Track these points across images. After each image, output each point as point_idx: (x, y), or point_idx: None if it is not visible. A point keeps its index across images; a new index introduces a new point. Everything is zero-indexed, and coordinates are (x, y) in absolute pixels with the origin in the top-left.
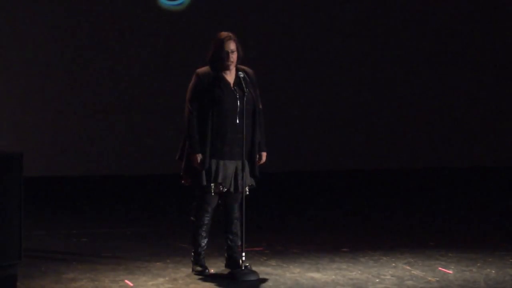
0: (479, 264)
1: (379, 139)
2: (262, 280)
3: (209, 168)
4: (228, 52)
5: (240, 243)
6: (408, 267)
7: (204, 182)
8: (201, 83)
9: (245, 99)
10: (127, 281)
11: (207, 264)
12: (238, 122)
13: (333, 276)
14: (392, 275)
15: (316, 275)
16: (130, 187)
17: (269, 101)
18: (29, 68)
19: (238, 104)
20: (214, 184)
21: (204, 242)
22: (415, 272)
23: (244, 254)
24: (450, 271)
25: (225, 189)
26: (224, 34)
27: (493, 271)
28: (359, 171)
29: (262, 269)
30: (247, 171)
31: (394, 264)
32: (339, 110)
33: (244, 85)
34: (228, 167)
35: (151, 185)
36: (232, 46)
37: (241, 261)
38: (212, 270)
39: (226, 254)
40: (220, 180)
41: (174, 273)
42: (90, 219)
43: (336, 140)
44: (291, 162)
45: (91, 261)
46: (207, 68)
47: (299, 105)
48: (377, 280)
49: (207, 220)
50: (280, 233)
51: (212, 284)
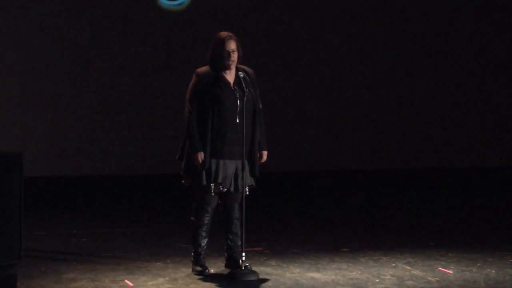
0: (479, 264)
1: (379, 139)
2: (262, 280)
3: (209, 168)
4: (229, 52)
5: (240, 243)
6: (408, 267)
7: (204, 182)
8: (201, 83)
9: (245, 99)
10: (127, 281)
11: (207, 264)
12: (238, 121)
13: (333, 276)
14: (392, 275)
15: (316, 275)
16: (130, 187)
17: (269, 101)
18: (29, 68)
19: (238, 103)
20: (214, 184)
21: (204, 242)
22: (415, 272)
23: (244, 254)
24: (450, 271)
25: (225, 189)
26: (224, 34)
27: (493, 271)
28: (359, 171)
29: (262, 269)
30: (247, 171)
31: (394, 264)
32: (339, 110)
33: (244, 85)
34: (228, 167)
35: (151, 185)
36: (233, 45)
37: (241, 261)
38: (212, 270)
39: (226, 254)
40: (220, 180)
41: (174, 273)
42: (90, 219)
43: (336, 140)
44: (291, 162)
45: (91, 261)
46: (207, 68)
47: (299, 105)
48: (377, 280)
49: (207, 220)
50: (280, 233)
51: (212, 284)
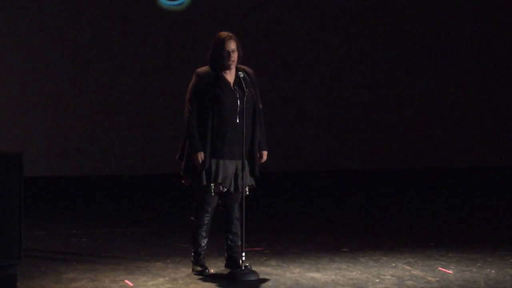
0: (479, 264)
1: (379, 139)
2: (262, 280)
3: (209, 168)
4: (229, 52)
5: (240, 243)
6: (408, 267)
7: (204, 182)
8: (201, 83)
9: (245, 99)
10: (127, 281)
11: (207, 264)
12: (238, 121)
13: (333, 276)
14: (392, 275)
15: (316, 275)
16: (130, 187)
17: (269, 101)
18: (29, 68)
19: (238, 103)
20: (214, 184)
21: (204, 242)
22: (415, 272)
23: (244, 254)
24: (450, 271)
25: (225, 189)
26: (224, 33)
27: (493, 271)
28: (359, 171)
29: (262, 269)
30: (247, 171)
31: (394, 264)
32: (339, 110)
33: (244, 85)
34: (228, 167)
35: (151, 185)
36: (233, 45)
37: (241, 261)
38: (212, 270)
39: (226, 254)
40: (220, 180)
41: (174, 273)
42: (90, 219)
43: (336, 140)
44: (291, 162)
45: (91, 261)
46: (207, 68)
47: (299, 105)
48: (377, 280)
49: (207, 220)
50: (280, 233)
51: (212, 284)
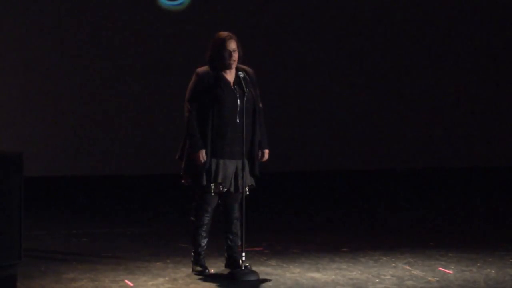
0: (479, 264)
1: (379, 139)
2: (262, 280)
3: (209, 168)
4: (230, 51)
5: (240, 243)
6: (408, 267)
7: (204, 182)
8: (201, 83)
9: (245, 99)
10: (127, 281)
11: (207, 264)
12: (238, 121)
13: (333, 276)
14: (392, 275)
15: (316, 275)
16: (130, 187)
17: (269, 101)
18: (29, 68)
19: (238, 103)
20: (214, 184)
21: (204, 242)
22: (415, 272)
23: (244, 254)
24: (450, 271)
25: (225, 189)
26: (224, 33)
27: (493, 271)
28: (359, 171)
29: (262, 269)
30: (247, 170)
31: (394, 264)
32: (339, 110)
33: (244, 85)
34: (228, 167)
35: (151, 185)
36: (234, 45)
37: (241, 261)
38: (212, 270)
39: (226, 254)
40: (220, 180)
41: (174, 273)
42: (90, 219)
43: (336, 140)
44: (291, 162)
45: (91, 261)
46: (207, 68)
47: (299, 105)
48: (377, 280)
49: (207, 220)
50: (280, 233)
51: (212, 284)
